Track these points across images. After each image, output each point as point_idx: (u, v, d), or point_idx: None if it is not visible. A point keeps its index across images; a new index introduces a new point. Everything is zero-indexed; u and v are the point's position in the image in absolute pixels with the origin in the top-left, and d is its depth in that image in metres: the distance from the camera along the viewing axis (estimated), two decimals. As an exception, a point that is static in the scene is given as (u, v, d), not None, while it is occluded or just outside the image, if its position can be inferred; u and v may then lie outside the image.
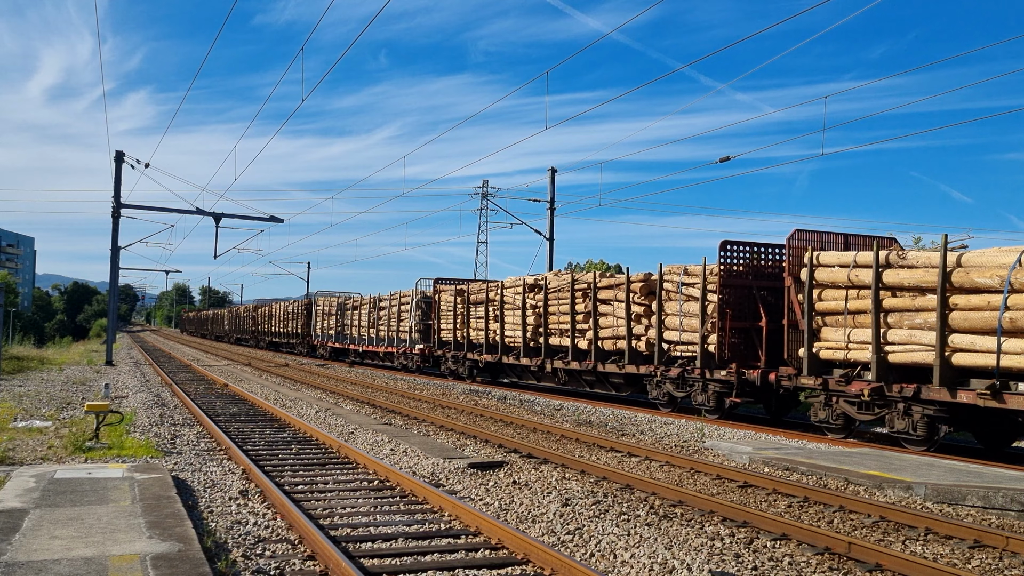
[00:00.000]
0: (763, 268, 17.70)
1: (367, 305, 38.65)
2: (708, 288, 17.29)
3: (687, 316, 18.04)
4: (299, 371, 33.64)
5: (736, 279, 17.29)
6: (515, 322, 25.30)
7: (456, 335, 29.35)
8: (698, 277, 17.59)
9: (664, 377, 18.71)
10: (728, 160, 24.88)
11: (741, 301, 17.22)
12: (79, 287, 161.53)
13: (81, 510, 7.53)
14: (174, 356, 45.25)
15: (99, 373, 30.15)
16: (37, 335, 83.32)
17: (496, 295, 26.57)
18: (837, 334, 14.67)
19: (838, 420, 14.75)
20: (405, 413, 18.19)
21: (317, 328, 47.13)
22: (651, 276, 19.46)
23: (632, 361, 19.80)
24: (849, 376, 14.31)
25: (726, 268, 17.25)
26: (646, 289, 19.46)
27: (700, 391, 17.78)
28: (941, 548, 7.72)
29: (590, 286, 21.43)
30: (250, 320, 67.51)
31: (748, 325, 17.13)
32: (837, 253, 15.11)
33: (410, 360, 33.17)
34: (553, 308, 23.32)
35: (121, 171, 34.23)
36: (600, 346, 21.07)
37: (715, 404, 17.45)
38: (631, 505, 9.21)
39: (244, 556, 6.83)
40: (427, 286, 33.09)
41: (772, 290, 17.26)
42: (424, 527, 7.94)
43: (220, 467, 10.99)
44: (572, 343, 22.11)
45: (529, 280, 24.93)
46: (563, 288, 22.84)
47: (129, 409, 17.16)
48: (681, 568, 6.77)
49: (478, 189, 57.28)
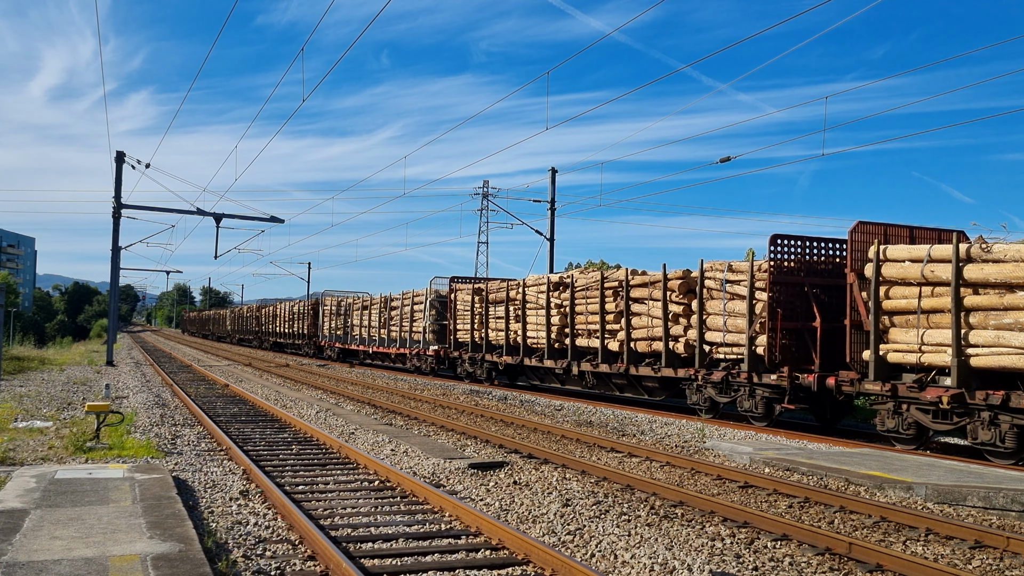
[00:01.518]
0: (815, 264, 16.53)
1: (377, 305, 37.67)
2: (756, 285, 16.15)
3: (732, 316, 16.87)
4: (300, 371, 33.64)
5: (787, 276, 16.07)
6: (538, 322, 24.15)
7: (474, 336, 28.28)
8: (744, 274, 16.47)
9: (706, 381, 17.53)
10: (728, 160, 24.88)
11: (792, 299, 16.05)
12: (80, 287, 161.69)
13: (82, 510, 7.53)
14: (175, 356, 45.26)
15: (100, 373, 30.15)
16: (38, 335, 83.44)
17: (517, 294, 25.44)
18: (908, 335, 13.47)
19: (909, 430, 13.59)
20: (406, 413, 18.19)
21: (324, 328, 46.21)
22: (690, 273, 18.32)
23: (669, 364, 18.66)
24: (923, 381, 13.13)
25: (776, 264, 16.00)
26: (685, 287, 18.33)
27: (747, 397, 16.56)
28: (942, 548, 7.72)
29: (621, 284, 20.29)
30: (253, 320, 66.65)
31: (800, 326, 16.02)
32: (908, 247, 13.80)
33: (423, 362, 32.19)
34: (580, 307, 22.15)
35: (122, 171, 34.24)
36: (633, 348, 19.85)
37: (764, 411, 16.26)
38: (632, 505, 9.21)
39: (245, 556, 6.83)
40: (442, 285, 32.19)
41: (826, 288, 16.29)
42: (425, 527, 7.94)
43: (221, 467, 10.99)
44: (602, 344, 20.93)
45: (554, 278, 23.75)
46: (591, 286, 21.61)
47: (130, 409, 17.17)
48: (682, 568, 6.77)
49: (479, 189, 57.37)
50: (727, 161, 24.86)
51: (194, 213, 35.01)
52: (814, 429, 16.86)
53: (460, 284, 30.66)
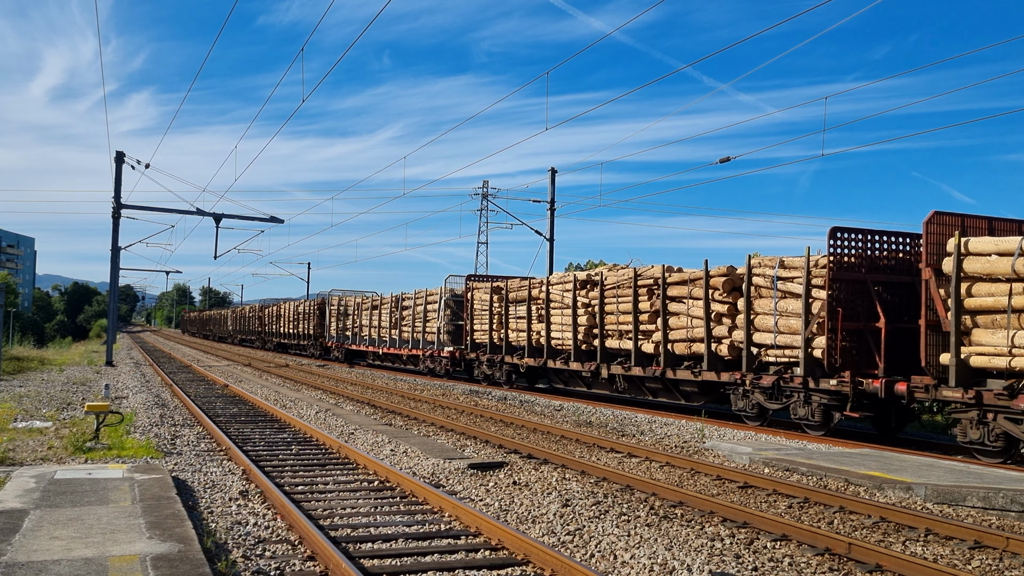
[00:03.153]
0: (878, 259, 15.29)
1: (388, 305, 36.41)
2: (813, 282, 15.05)
3: (784, 315, 15.72)
4: (299, 372, 33.64)
5: (848, 272, 14.89)
6: (563, 323, 22.93)
7: (492, 337, 27.06)
8: (799, 270, 15.42)
9: (754, 386, 16.34)
10: (728, 160, 24.89)
11: (853, 298, 14.89)
12: (79, 287, 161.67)
13: (81, 511, 7.53)
14: (174, 357, 45.26)
15: (99, 373, 30.15)
16: (37, 335, 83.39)
17: (540, 293, 24.20)
18: (995, 337, 12.30)
19: (996, 441, 12.51)
20: (405, 414, 18.19)
21: (331, 329, 44.81)
22: (735, 269, 17.25)
23: (712, 367, 17.46)
24: (1014, 388, 12.12)
25: (836, 259, 14.81)
26: (729, 284, 17.16)
27: (801, 403, 15.39)
28: (941, 549, 7.72)
29: (657, 282, 19.14)
30: (256, 320, 65.07)
31: (861, 326, 14.85)
32: (994, 239, 12.57)
33: (438, 364, 30.96)
34: (610, 307, 20.81)
35: (121, 172, 34.25)
36: (670, 349, 18.69)
37: (821, 419, 15.09)
38: (631, 506, 9.21)
39: (244, 557, 6.83)
40: (457, 284, 31.16)
41: (889, 284, 15.21)
42: (424, 528, 7.94)
43: (220, 468, 10.99)
44: (635, 346, 19.71)
45: (581, 276, 22.57)
46: (623, 284, 20.38)
47: (129, 409, 17.17)
48: (681, 569, 6.77)
49: (478, 190, 57.39)
50: (727, 161, 24.87)
51: (194, 213, 35.03)
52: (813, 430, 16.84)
53: (477, 283, 29.44)
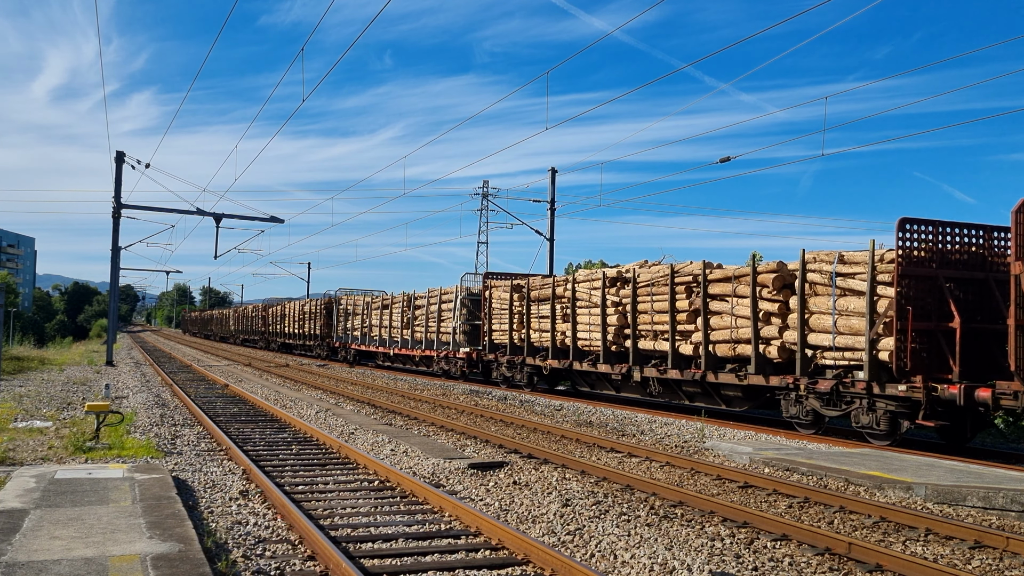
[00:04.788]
0: (950, 254, 14.16)
1: (400, 304, 35.37)
2: (879, 279, 13.90)
3: (844, 314, 14.53)
4: (299, 371, 33.65)
5: (918, 267, 13.71)
6: (591, 322, 21.73)
7: (512, 337, 25.87)
8: (861, 266, 14.33)
9: (809, 391, 15.17)
10: (728, 160, 24.89)
11: (923, 296, 13.69)
12: (79, 287, 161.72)
13: (81, 510, 7.54)
14: (175, 357, 45.27)
15: (99, 373, 30.16)
16: (37, 335, 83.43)
17: (565, 291, 23.01)
18: None
19: None
20: (405, 413, 18.19)
21: (339, 329, 43.70)
22: (786, 266, 16.11)
23: (759, 370, 16.22)
24: None
25: (906, 253, 13.64)
26: (779, 282, 15.95)
27: (864, 410, 14.25)
28: (941, 548, 7.72)
29: (696, 279, 18.00)
30: (259, 320, 63.41)
31: (933, 326, 13.65)
32: None
33: (453, 365, 29.76)
34: (644, 305, 19.67)
35: (122, 171, 34.26)
36: (712, 351, 17.53)
37: (887, 427, 13.95)
38: (631, 505, 9.21)
39: (244, 556, 6.83)
40: (473, 282, 30.20)
41: (961, 281, 14.10)
42: (424, 527, 7.94)
43: (220, 467, 11.00)
44: (672, 347, 18.51)
45: (610, 273, 21.38)
46: (658, 282, 19.22)
47: (129, 409, 17.17)
48: (681, 568, 6.77)
49: (479, 189, 57.34)
50: (727, 161, 24.87)
51: (194, 213, 35.05)
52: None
53: (496, 280, 28.29)
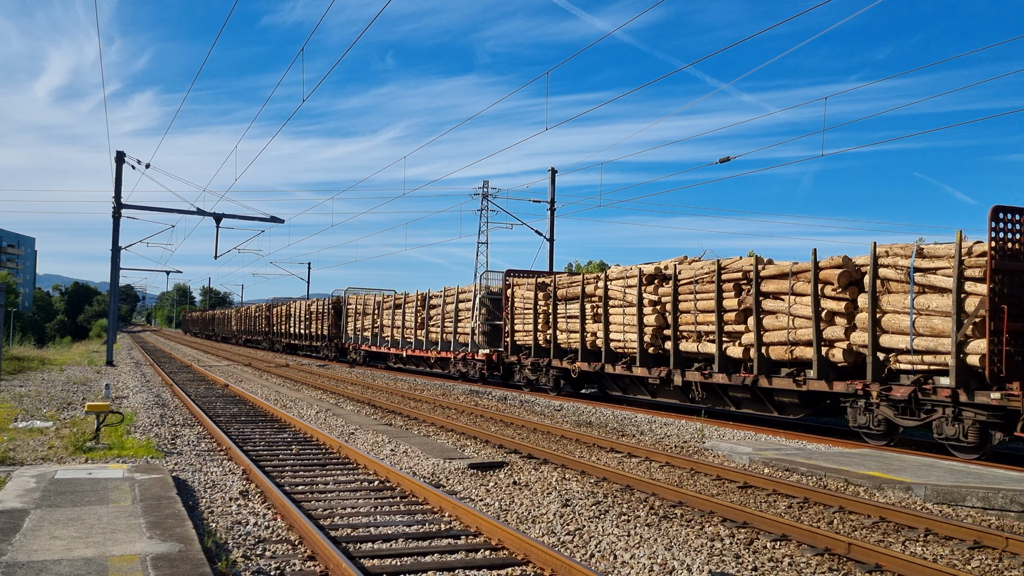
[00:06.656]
0: None
1: (413, 303, 34.05)
2: (966, 275, 12.55)
3: (923, 314, 13.12)
4: (299, 372, 33.66)
5: (1013, 262, 12.31)
6: (626, 322, 20.24)
7: (537, 338, 24.38)
8: (944, 260, 12.87)
9: (882, 398, 13.82)
10: (728, 161, 24.91)
11: (1020, 293, 12.34)
12: (80, 287, 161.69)
13: (81, 510, 7.54)
14: (175, 357, 45.28)
15: (100, 373, 30.17)
16: (38, 335, 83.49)
17: (596, 289, 21.59)
18: None
19: None
20: (405, 414, 18.20)
21: (348, 329, 42.37)
22: (851, 260, 14.71)
23: (822, 375, 14.79)
24: None
25: (999, 246, 12.20)
26: (845, 278, 14.46)
27: (949, 420, 12.92)
28: (941, 549, 7.73)
29: (747, 275, 16.59)
30: (263, 320, 62.22)
31: None
32: None
33: (471, 367, 28.54)
34: (686, 304, 18.24)
35: (122, 171, 34.27)
36: (764, 354, 16.10)
37: (977, 439, 12.61)
38: (631, 506, 9.22)
39: (244, 556, 6.84)
40: (493, 280, 28.88)
41: None
42: (424, 528, 7.95)
43: (220, 467, 11.00)
44: (719, 350, 17.05)
45: (647, 269, 19.88)
46: (702, 279, 17.87)
47: (130, 409, 17.18)
48: (681, 569, 6.78)
49: (479, 190, 57.27)
50: (727, 161, 24.89)
51: (194, 213, 35.07)
52: (814, 429, 16.84)
53: (519, 279, 26.83)
